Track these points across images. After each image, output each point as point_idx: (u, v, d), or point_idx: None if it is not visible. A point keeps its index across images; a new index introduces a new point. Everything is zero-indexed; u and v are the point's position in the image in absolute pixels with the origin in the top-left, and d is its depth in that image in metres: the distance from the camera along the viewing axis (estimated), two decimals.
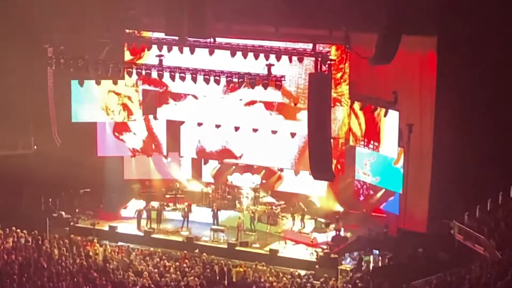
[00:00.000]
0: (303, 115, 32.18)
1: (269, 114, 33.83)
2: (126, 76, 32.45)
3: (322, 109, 28.67)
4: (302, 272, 28.87)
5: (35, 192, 34.12)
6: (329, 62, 28.93)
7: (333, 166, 30.72)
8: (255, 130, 34.45)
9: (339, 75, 31.04)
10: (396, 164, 31.32)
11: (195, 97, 34.68)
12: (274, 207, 34.01)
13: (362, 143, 32.34)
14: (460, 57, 29.44)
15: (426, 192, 31.25)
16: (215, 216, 33.67)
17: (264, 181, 35.29)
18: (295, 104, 32.55)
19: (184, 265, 28.65)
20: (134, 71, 31.87)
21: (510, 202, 29.30)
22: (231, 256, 30.76)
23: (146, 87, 34.63)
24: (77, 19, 31.17)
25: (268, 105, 33.60)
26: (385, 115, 30.97)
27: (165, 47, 31.26)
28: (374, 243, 31.01)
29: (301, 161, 33.55)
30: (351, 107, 32.11)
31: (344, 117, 32.38)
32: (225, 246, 31.89)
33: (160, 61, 31.42)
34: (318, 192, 34.13)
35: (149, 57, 32.79)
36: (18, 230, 30.94)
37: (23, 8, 31.55)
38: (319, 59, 28.86)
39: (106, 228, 33.70)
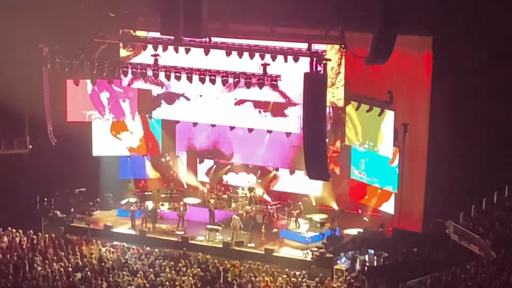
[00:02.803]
0: (291, 111, 32.76)
1: (258, 112, 33.88)
2: None
3: (317, 108, 28.67)
4: (298, 272, 28.87)
5: (30, 191, 34.06)
6: (324, 61, 28.97)
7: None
8: (250, 130, 34.48)
9: None
10: (392, 163, 31.40)
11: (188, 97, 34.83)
12: (269, 207, 34.04)
13: (357, 142, 32.49)
14: (455, 57, 29.44)
15: (421, 191, 31.27)
16: (211, 216, 33.70)
17: (259, 180, 35.37)
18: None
19: (180, 264, 28.66)
20: (130, 70, 31.80)
21: (505, 202, 29.35)
22: (227, 255, 30.75)
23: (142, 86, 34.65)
24: (72, 19, 31.09)
25: (259, 104, 33.60)
26: (379, 115, 31.07)
27: (160, 47, 31.28)
28: (369, 242, 31.02)
29: (297, 161, 33.59)
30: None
31: None
32: (221, 245, 31.89)
33: (156, 60, 31.40)
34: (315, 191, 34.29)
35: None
36: (13, 230, 30.93)
37: (18, 7, 31.49)
38: (315, 58, 28.88)
39: (101, 227, 33.69)
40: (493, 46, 29.04)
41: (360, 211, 34.07)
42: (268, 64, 30.02)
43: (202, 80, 30.71)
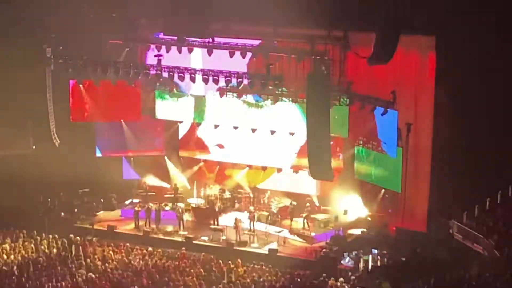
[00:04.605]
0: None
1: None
2: None
3: (321, 108, 28.70)
4: (301, 272, 28.86)
5: (33, 192, 34.10)
6: (327, 61, 28.99)
7: None
8: (254, 130, 34.50)
9: None
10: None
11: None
12: (272, 207, 34.04)
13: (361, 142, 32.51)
14: (458, 57, 29.43)
15: (425, 191, 31.25)
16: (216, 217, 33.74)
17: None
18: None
19: (183, 264, 28.68)
20: (132, 71, 31.82)
21: (508, 201, 29.35)
22: (230, 255, 30.75)
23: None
24: (75, 19, 31.16)
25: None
26: (383, 114, 31.09)
27: (163, 47, 31.34)
28: (373, 242, 31.01)
29: (300, 160, 33.64)
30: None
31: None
32: (224, 246, 31.89)
33: (159, 61, 31.43)
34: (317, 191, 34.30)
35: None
36: (17, 230, 30.97)
37: (22, 8, 31.58)
38: (318, 58, 28.89)
39: (104, 228, 33.71)
40: (496, 45, 29.02)
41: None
42: (272, 64, 30.06)
43: (205, 81, 30.77)
